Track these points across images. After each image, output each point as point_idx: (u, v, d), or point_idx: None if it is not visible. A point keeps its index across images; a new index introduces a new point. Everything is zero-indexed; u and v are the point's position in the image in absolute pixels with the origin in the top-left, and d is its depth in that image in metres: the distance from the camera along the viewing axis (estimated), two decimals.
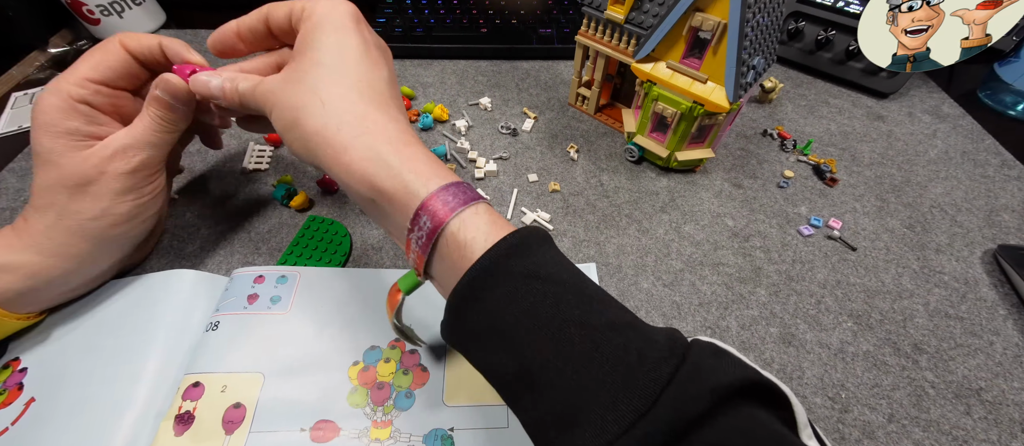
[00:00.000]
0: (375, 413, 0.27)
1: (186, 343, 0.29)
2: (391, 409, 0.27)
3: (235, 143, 0.45)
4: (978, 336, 0.33)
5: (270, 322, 0.30)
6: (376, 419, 0.27)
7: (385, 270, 0.34)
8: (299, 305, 0.31)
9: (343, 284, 0.33)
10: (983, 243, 0.38)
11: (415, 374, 0.29)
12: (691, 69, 0.35)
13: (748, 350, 0.31)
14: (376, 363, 0.29)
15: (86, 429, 0.25)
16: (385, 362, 0.29)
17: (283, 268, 0.33)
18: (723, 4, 0.31)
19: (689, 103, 0.36)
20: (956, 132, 0.49)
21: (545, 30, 0.58)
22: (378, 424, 0.27)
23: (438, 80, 0.54)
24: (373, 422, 0.27)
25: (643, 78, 0.38)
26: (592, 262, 0.36)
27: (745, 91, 0.35)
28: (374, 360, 0.29)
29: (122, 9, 0.56)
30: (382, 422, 0.27)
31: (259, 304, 0.30)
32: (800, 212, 0.40)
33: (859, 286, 0.35)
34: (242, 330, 0.29)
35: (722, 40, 0.32)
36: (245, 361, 0.28)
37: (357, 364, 0.29)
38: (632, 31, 0.38)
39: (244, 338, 0.29)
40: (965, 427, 0.28)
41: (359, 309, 0.31)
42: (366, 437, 0.26)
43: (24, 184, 0.40)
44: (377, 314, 0.31)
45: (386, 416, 0.27)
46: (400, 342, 0.30)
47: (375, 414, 0.27)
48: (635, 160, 0.44)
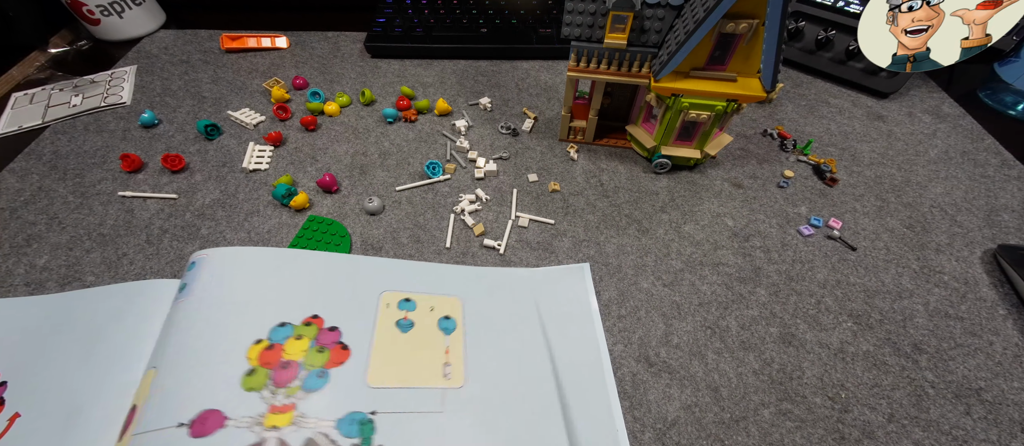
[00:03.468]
0: (274, 396, 0.24)
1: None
2: (296, 390, 0.24)
3: (235, 143, 0.45)
4: (978, 336, 0.33)
5: (174, 312, 0.27)
6: (275, 403, 0.24)
7: (307, 251, 0.32)
8: (204, 288, 0.28)
9: (258, 262, 0.30)
10: (983, 243, 0.38)
11: (332, 352, 0.26)
12: (718, 72, 0.36)
13: (748, 350, 0.31)
14: (284, 340, 0.26)
15: (81, 443, 0.24)
16: (296, 339, 0.26)
17: (201, 252, 0.30)
18: (758, 5, 0.31)
19: (723, 103, 0.36)
20: (956, 132, 0.49)
21: (545, 30, 0.58)
22: (277, 409, 0.23)
23: (438, 80, 0.54)
24: (271, 407, 0.23)
25: (667, 94, 0.37)
26: (586, 262, 0.36)
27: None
28: (282, 337, 0.26)
29: (122, 9, 0.56)
30: (282, 406, 0.24)
31: (179, 295, 0.28)
32: (800, 212, 0.40)
33: (859, 286, 0.35)
34: (158, 327, 0.27)
35: (756, 37, 0.33)
36: (143, 359, 0.26)
37: (260, 342, 0.26)
38: (638, 52, 0.37)
39: (152, 335, 0.27)
40: (965, 427, 0.28)
41: (273, 285, 0.29)
42: (259, 425, 0.23)
43: (24, 184, 0.40)
44: (293, 290, 0.29)
45: (288, 399, 0.24)
46: (319, 318, 0.28)
47: (274, 397, 0.24)
48: (668, 170, 0.44)
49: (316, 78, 0.53)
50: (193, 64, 0.55)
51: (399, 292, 0.31)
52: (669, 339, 0.32)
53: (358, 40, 0.60)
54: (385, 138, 0.46)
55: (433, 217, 0.39)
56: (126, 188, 0.40)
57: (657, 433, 0.28)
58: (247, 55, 0.57)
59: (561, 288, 0.34)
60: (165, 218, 0.38)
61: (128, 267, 0.35)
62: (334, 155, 0.44)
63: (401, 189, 0.41)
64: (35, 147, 0.44)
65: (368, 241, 0.37)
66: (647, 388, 0.29)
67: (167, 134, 0.46)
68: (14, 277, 0.34)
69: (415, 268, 0.34)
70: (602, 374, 0.30)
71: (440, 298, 0.32)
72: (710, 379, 0.30)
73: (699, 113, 0.37)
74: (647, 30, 0.36)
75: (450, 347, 0.29)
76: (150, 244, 0.36)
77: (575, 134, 0.46)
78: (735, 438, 0.27)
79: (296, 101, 0.50)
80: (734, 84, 0.36)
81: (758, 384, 0.30)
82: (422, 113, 0.49)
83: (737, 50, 0.34)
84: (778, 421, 0.28)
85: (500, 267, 0.35)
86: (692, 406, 0.29)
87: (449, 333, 0.30)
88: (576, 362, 0.30)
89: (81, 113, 0.47)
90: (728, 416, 0.28)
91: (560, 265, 0.36)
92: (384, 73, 0.55)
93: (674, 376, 0.30)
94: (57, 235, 0.37)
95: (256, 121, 0.47)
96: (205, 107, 0.49)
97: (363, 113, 0.49)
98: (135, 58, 0.56)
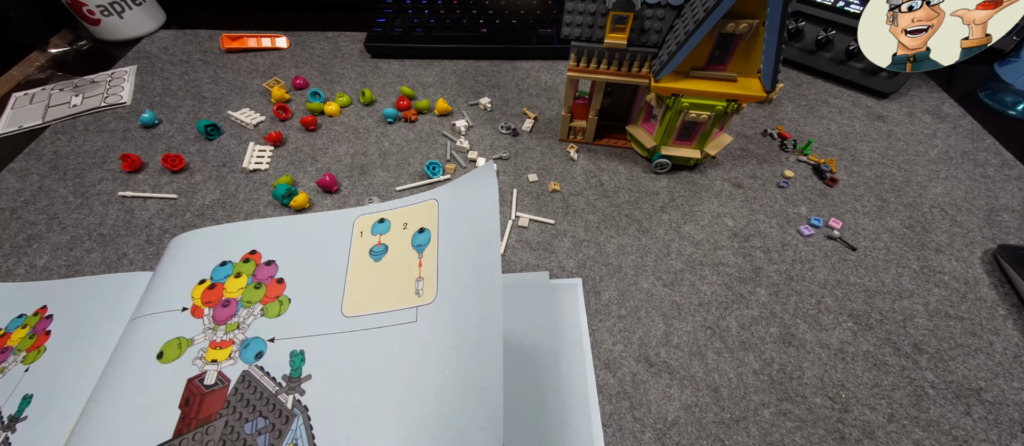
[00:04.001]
0: (215, 332, 0.25)
1: None
2: (234, 328, 0.25)
3: (235, 143, 0.45)
4: (978, 336, 0.33)
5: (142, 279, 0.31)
6: (215, 338, 0.25)
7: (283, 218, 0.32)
8: (171, 258, 0.30)
9: (228, 231, 0.31)
10: (983, 243, 0.38)
11: (268, 287, 0.27)
12: (718, 72, 0.36)
13: (748, 350, 0.31)
14: (224, 279, 0.27)
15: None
16: (235, 277, 0.27)
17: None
18: (758, 5, 0.31)
19: (723, 103, 0.36)
20: (956, 132, 0.49)
21: (545, 30, 0.58)
22: (216, 344, 0.25)
23: (438, 80, 0.54)
24: (210, 342, 0.25)
25: (667, 94, 0.37)
26: (578, 278, 0.35)
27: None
28: (222, 276, 0.27)
29: (122, 9, 0.56)
30: (222, 342, 0.25)
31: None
32: (800, 212, 0.40)
33: (859, 286, 0.35)
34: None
35: (756, 37, 0.33)
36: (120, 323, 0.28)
37: (203, 282, 0.27)
38: (638, 52, 0.37)
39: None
40: (965, 427, 0.28)
41: (226, 238, 0.30)
42: (201, 359, 0.24)
43: (24, 184, 0.40)
44: (243, 236, 0.30)
45: (227, 335, 0.25)
46: (256, 253, 0.29)
47: (215, 333, 0.25)
48: (669, 170, 0.44)
49: (316, 78, 0.53)
50: (193, 64, 0.55)
51: (372, 215, 0.30)
52: (669, 339, 0.32)
53: (358, 40, 0.60)
54: (385, 138, 0.46)
55: None
56: (126, 188, 0.40)
57: (657, 433, 0.28)
58: (247, 55, 0.57)
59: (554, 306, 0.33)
60: (165, 218, 0.38)
61: (128, 267, 0.35)
62: (334, 155, 0.44)
63: (401, 189, 0.41)
64: (35, 147, 0.44)
65: None
66: (647, 388, 0.29)
67: (167, 134, 0.46)
68: (15, 277, 0.34)
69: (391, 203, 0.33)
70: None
71: (414, 208, 0.30)
72: (710, 379, 0.30)
73: (699, 113, 0.37)
74: (647, 30, 0.36)
75: (423, 261, 0.27)
76: (150, 244, 0.36)
77: (575, 134, 0.46)
78: (735, 438, 0.27)
79: (296, 101, 0.50)
80: (734, 84, 0.36)
81: (758, 384, 0.30)
82: (422, 113, 0.49)
83: (737, 50, 0.34)
84: (778, 421, 0.28)
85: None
86: (692, 406, 0.29)
87: (423, 249, 0.28)
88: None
89: (81, 113, 0.47)
90: (728, 416, 0.28)
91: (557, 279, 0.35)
92: (384, 73, 0.55)
93: (674, 376, 0.30)
94: (57, 235, 0.37)
95: (256, 121, 0.47)
96: (205, 107, 0.49)
97: (363, 113, 0.49)
98: (135, 58, 0.56)
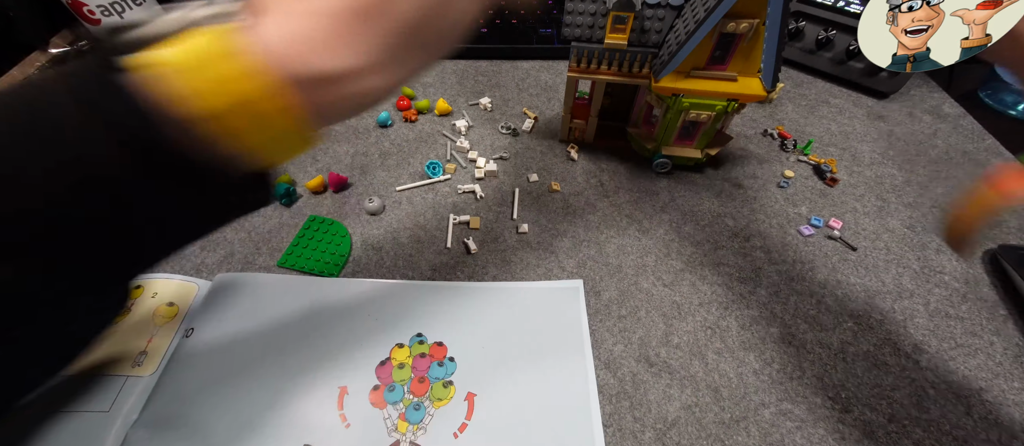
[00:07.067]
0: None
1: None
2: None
3: None
4: (978, 336, 0.32)
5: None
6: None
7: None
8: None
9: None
10: (983, 243, 0.38)
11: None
12: (718, 72, 0.36)
13: (748, 350, 0.31)
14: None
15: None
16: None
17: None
18: (758, 5, 0.31)
19: (724, 103, 0.36)
20: (957, 132, 0.49)
21: (545, 30, 0.58)
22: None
23: (438, 80, 0.54)
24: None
25: (667, 94, 0.37)
26: (579, 279, 0.35)
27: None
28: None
29: (123, 9, 0.56)
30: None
31: None
32: (800, 212, 0.40)
33: (859, 286, 0.35)
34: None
35: (757, 37, 0.33)
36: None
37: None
38: (639, 53, 0.37)
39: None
40: (965, 427, 0.28)
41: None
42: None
43: None
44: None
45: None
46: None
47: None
48: (669, 171, 0.43)
49: None
50: None
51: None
52: (669, 339, 0.32)
53: None
54: (385, 138, 0.46)
55: (433, 217, 0.39)
56: None
57: (657, 433, 0.27)
58: None
59: (552, 308, 0.33)
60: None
61: None
62: (334, 155, 0.44)
63: (401, 189, 0.41)
64: None
65: (368, 242, 0.37)
66: (647, 388, 0.29)
67: None
68: None
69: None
70: (588, 407, 0.29)
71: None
72: (710, 379, 0.30)
73: (699, 113, 0.37)
74: (647, 30, 0.36)
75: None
76: None
77: (575, 134, 0.46)
78: (735, 438, 0.27)
79: None
80: (734, 84, 0.36)
81: (758, 384, 0.30)
82: (422, 113, 0.49)
83: (737, 50, 0.34)
84: (778, 421, 0.28)
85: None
86: (692, 406, 0.29)
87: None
88: (561, 391, 0.29)
89: None
90: (728, 416, 0.28)
91: (552, 281, 0.35)
92: None
93: (674, 376, 0.30)
94: None
95: None
96: None
97: (363, 113, 0.49)
98: None
